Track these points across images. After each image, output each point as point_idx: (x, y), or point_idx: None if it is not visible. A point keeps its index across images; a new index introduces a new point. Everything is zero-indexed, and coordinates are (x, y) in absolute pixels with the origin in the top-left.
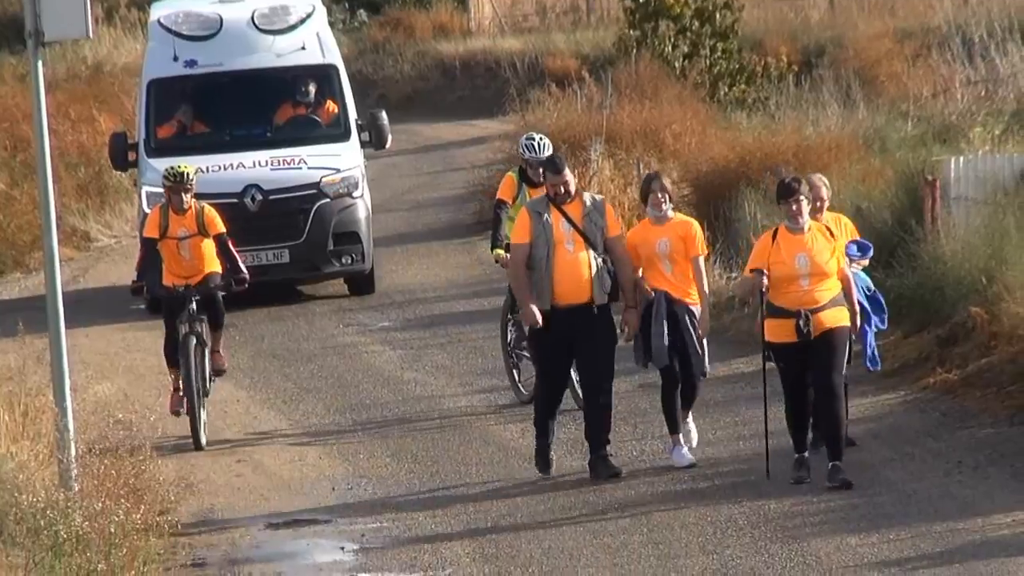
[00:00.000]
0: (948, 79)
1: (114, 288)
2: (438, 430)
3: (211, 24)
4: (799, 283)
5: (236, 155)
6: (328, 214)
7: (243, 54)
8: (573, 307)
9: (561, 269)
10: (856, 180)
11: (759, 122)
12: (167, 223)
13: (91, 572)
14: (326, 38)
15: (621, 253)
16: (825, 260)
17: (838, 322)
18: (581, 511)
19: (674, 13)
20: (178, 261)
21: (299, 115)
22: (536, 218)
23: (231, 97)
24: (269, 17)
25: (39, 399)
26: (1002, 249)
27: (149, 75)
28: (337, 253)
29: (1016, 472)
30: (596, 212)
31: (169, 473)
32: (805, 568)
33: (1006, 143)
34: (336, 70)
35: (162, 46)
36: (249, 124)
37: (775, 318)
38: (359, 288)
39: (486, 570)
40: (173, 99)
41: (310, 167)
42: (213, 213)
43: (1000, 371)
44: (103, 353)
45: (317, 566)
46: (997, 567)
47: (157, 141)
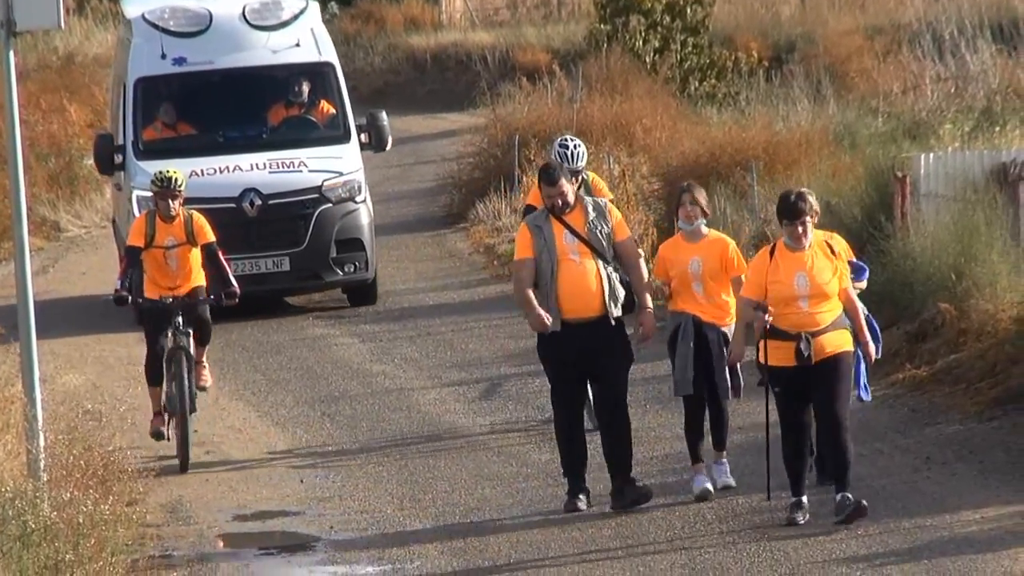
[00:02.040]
0: (918, 76)
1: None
2: (407, 423)
3: (200, 20)
4: (798, 304)
5: (232, 157)
6: (330, 220)
7: (235, 51)
8: (585, 322)
9: (568, 282)
10: (826, 176)
11: (729, 117)
12: (154, 231)
13: (59, 562)
14: (321, 35)
15: (631, 256)
16: (826, 280)
17: (840, 347)
18: (549, 504)
19: (645, 8)
20: (163, 271)
21: (295, 115)
22: (537, 232)
23: (223, 96)
24: (261, 12)
25: (7, 389)
26: (971, 246)
27: (136, 73)
28: (340, 261)
29: (984, 468)
30: (600, 218)
31: (137, 464)
32: (773, 563)
33: (976, 140)
34: (333, 68)
35: (148, 43)
36: (243, 125)
37: (775, 340)
38: (360, 298)
39: (454, 563)
40: (161, 98)
41: (311, 170)
42: (202, 221)
43: (969, 367)
44: (72, 343)
45: (286, 558)
46: (965, 564)
47: (146, 143)
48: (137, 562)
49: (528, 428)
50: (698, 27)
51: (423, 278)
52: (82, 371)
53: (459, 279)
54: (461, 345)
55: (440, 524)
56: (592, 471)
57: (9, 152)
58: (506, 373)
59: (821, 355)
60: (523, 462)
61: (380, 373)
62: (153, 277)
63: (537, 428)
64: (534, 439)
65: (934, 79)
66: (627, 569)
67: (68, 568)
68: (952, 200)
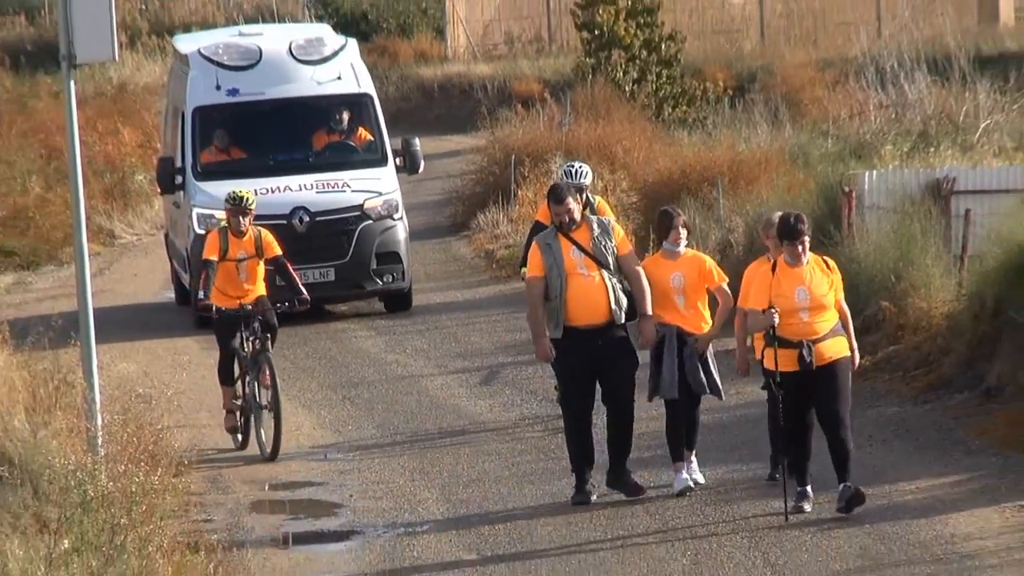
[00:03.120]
0: (863, 103)
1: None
2: (416, 405)
3: (251, 54)
4: (799, 315)
5: (282, 179)
6: (371, 235)
7: (282, 83)
8: (594, 327)
9: (577, 293)
10: (782, 191)
11: (698, 139)
12: (227, 246)
13: (115, 526)
14: (360, 68)
15: (632, 269)
16: (823, 293)
17: (839, 353)
18: (539, 474)
19: (625, 43)
20: (233, 282)
21: (337, 141)
22: (547, 250)
23: (272, 123)
24: (306, 48)
25: (69, 376)
26: (909, 252)
27: (193, 103)
28: (379, 272)
29: (919, 445)
30: (605, 235)
31: (183, 440)
32: (735, 527)
33: (913, 159)
34: (371, 99)
35: (204, 75)
36: (290, 149)
37: (778, 348)
38: (397, 305)
39: (458, 526)
40: (216, 125)
41: (353, 190)
42: (270, 237)
43: (906, 357)
44: (125, 336)
45: (312, 522)
46: (902, 527)
47: (203, 165)
48: (182, 526)
49: (523, 410)
50: (671, 60)
51: (431, 279)
52: (134, 360)
53: (462, 280)
54: (464, 338)
55: (445, 493)
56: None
57: (70, 168)
58: (503, 362)
59: (821, 360)
60: (518, 439)
61: (393, 362)
62: (223, 287)
63: (531, 411)
64: (528, 420)
65: (877, 106)
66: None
67: (122, 531)
68: (892, 212)
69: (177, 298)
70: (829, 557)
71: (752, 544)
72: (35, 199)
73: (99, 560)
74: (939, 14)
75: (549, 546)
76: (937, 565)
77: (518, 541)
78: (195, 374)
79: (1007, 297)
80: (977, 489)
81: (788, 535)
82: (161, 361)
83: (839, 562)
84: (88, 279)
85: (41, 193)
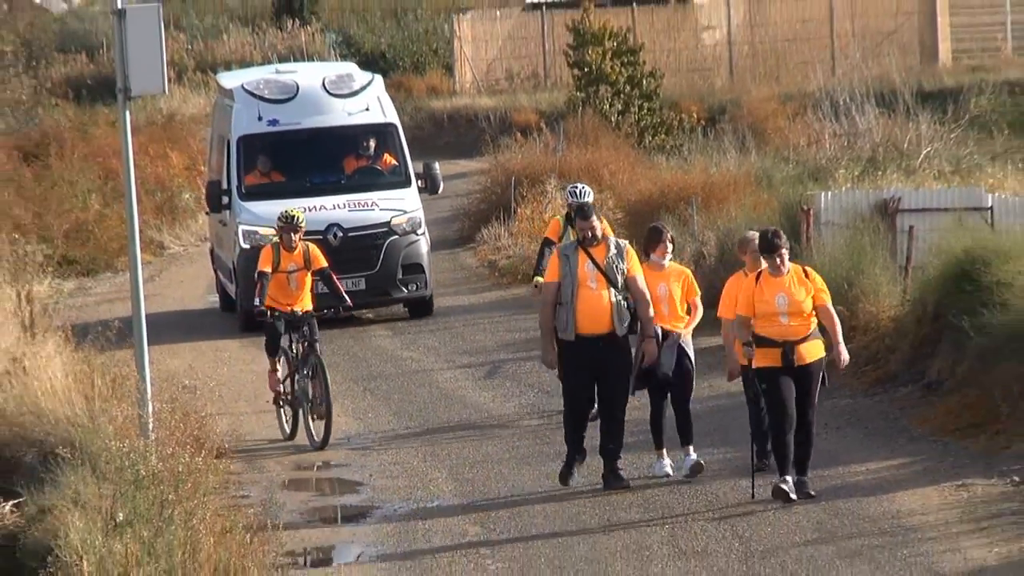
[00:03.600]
0: (819, 132)
1: (182, 284)
2: (428, 395)
3: (289, 89)
4: (779, 319)
5: (317, 199)
6: (397, 248)
7: (317, 114)
8: (595, 336)
9: (583, 304)
10: (749, 209)
11: (675, 163)
12: (279, 259)
13: (163, 501)
14: (385, 101)
15: (639, 291)
16: (801, 299)
17: (815, 356)
18: (535, 457)
19: (611, 80)
20: (284, 291)
21: (365, 165)
22: (564, 260)
23: (308, 150)
24: (337, 83)
25: (124, 369)
26: (860, 263)
27: (238, 132)
28: (404, 281)
29: (868, 432)
30: (619, 256)
31: (224, 426)
32: (706, 503)
33: (863, 182)
34: (395, 128)
35: (247, 108)
36: (324, 173)
37: (761, 347)
38: (419, 311)
39: (463, 502)
40: (258, 152)
41: (381, 209)
42: (317, 251)
43: (857, 356)
44: (173, 335)
45: (336, 498)
46: (853, 504)
47: (248, 187)
48: (223, 501)
49: (521, 401)
50: (651, 94)
51: (440, 285)
52: (181, 356)
53: (468, 286)
54: (470, 336)
55: (453, 473)
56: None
57: (125, 188)
58: (504, 358)
59: (800, 361)
60: (517, 426)
61: (408, 358)
62: (275, 295)
63: (528, 401)
64: (526, 409)
65: (831, 135)
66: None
67: (170, 505)
68: (845, 228)
69: (221, 305)
70: (789, 530)
71: (722, 519)
72: (94, 214)
73: (150, 531)
74: (886, 54)
75: (543, 519)
76: (884, 537)
77: (517, 515)
78: (234, 368)
79: (946, 302)
80: (919, 471)
81: (754, 511)
82: (204, 357)
83: (798, 535)
84: (141, 285)
85: (100, 209)
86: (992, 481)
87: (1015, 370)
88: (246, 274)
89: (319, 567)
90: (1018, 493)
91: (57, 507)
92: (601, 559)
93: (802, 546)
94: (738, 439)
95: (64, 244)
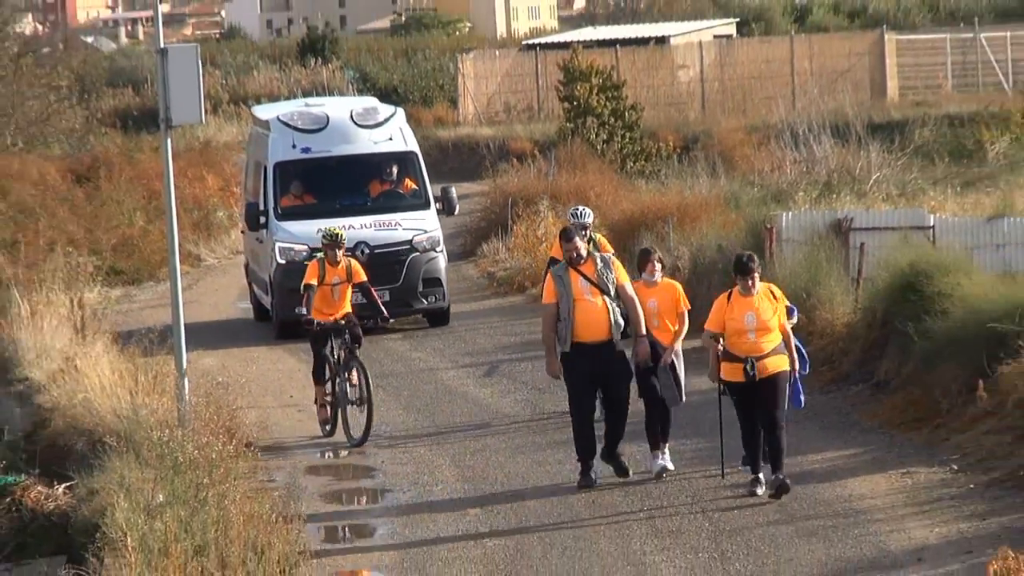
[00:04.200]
0: (781, 159)
1: (216, 293)
2: (434, 391)
3: (320, 120)
4: (747, 336)
5: (346, 219)
6: (418, 264)
7: (345, 143)
8: (596, 343)
9: (583, 314)
10: (719, 227)
11: (653, 186)
12: (324, 273)
13: (199, 485)
14: (407, 132)
15: (628, 296)
16: (768, 318)
17: (778, 367)
18: (529, 447)
19: (597, 112)
20: (328, 302)
21: (388, 189)
22: (559, 281)
23: (337, 175)
24: (363, 115)
25: (164, 367)
26: (816, 275)
27: (274, 159)
28: (425, 294)
29: (823, 426)
30: (607, 268)
31: (252, 418)
32: (679, 490)
33: (820, 203)
34: (416, 156)
35: (282, 136)
36: (352, 195)
37: (729, 362)
38: (438, 321)
39: (465, 487)
40: (292, 176)
41: (404, 228)
42: (358, 266)
43: (814, 358)
44: (208, 337)
45: (352, 482)
46: (811, 490)
47: (283, 208)
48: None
49: (517, 397)
50: (633, 125)
51: None
52: (215, 356)
53: (470, 295)
54: (471, 340)
55: (456, 461)
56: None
57: (166, 206)
58: (502, 359)
59: (763, 373)
60: (513, 419)
61: (416, 358)
62: (319, 306)
63: (524, 397)
64: (520, 403)
65: (792, 162)
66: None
67: (205, 488)
68: (804, 244)
69: (255, 315)
70: (754, 512)
71: (694, 502)
72: (139, 230)
73: (186, 511)
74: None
75: (536, 503)
76: (837, 519)
77: (512, 498)
78: (262, 367)
79: (893, 310)
80: (869, 460)
81: (723, 496)
82: (235, 357)
83: (761, 516)
84: (180, 293)
85: (143, 225)
86: (934, 469)
87: (954, 371)
88: (282, 287)
89: (337, 544)
90: (956, 480)
91: (104, 489)
92: (587, 537)
93: (765, 526)
94: (708, 431)
95: (112, 256)
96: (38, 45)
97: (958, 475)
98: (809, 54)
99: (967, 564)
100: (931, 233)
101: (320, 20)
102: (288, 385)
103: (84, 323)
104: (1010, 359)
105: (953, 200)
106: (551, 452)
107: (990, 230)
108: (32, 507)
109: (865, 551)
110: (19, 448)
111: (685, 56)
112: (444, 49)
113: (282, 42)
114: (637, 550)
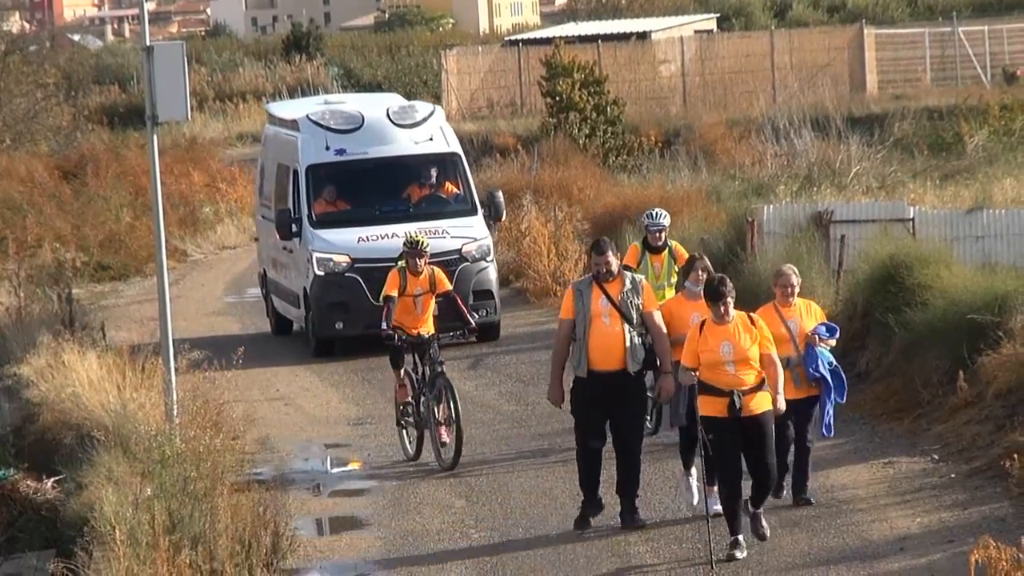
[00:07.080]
0: (762, 153)
1: (202, 287)
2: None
3: (354, 120)
4: (725, 368)
5: (387, 227)
6: (469, 275)
7: (382, 144)
8: (609, 373)
9: (597, 340)
10: (701, 220)
11: (635, 180)
12: (405, 283)
13: (186, 478)
14: (448, 131)
15: (655, 326)
16: (747, 347)
17: (763, 407)
18: (513, 438)
19: (579, 107)
20: (410, 314)
21: (429, 193)
22: (578, 296)
23: (375, 178)
24: (401, 114)
25: (151, 361)
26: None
27: (306, 161)
28: (475, 307)
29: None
30: (634, 291)
31: (239, 412)
32: (666, 484)
33: (800, 196)
34: (459, 157)
35: (314, 137)
36: (391, 201)
37: (708, 395)
38: (487, 336)
39: (451, 480)
40: (325, 180)
41: (452, 236)
42: (442, 275)
43: None
44: (194, 330)
45: (339, 476)
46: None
47: (318, 215)
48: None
49: (500, 389)
50: (615, 120)
51: None
52: (201, 349)
53: None
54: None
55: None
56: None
57: (153, 202)
58: (486, 352)
59: (748, 412)
60: (496, 411)
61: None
62: (400, 319)
63: (507, 389)
64: (504, 397)
65: (773, 155)
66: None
67: (192, 482)
68: (785, 237)
69: (274, 329)
70: None
71: (677, 493)
72: (126, 226)
73: (174, 504)
74: (820, 85)
75: (520, 493)
76: (820, 508)
77: (496, 488)
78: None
79: (873, 302)
80: (851, 450)
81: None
82: (223, 350)
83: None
84: (167, 288)
85: (130, 221)
86: (915, 459)
87: (934, 361)
88: (321, 301)
89: (324, 536)
90: (937, 469)
91: (93, 483)
92: (571, 527)
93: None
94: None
95: (99, 252)
96: (25, 43)
97: (939, 465)
98: (789, 49)
99: (949, 553)
100: (911, 225)
101: (304, 17)
102: (273, 379)
103: (72, 318)
104: (990, 349)
105: (933, 192)
106: (536, 444)
107: (969, 222)
108: (21, 501)
109: (848, 541)
110: (8, 443)
111: (666, 51)
112: (427, 45)
113: (267, 39)
114: (621, 540)
